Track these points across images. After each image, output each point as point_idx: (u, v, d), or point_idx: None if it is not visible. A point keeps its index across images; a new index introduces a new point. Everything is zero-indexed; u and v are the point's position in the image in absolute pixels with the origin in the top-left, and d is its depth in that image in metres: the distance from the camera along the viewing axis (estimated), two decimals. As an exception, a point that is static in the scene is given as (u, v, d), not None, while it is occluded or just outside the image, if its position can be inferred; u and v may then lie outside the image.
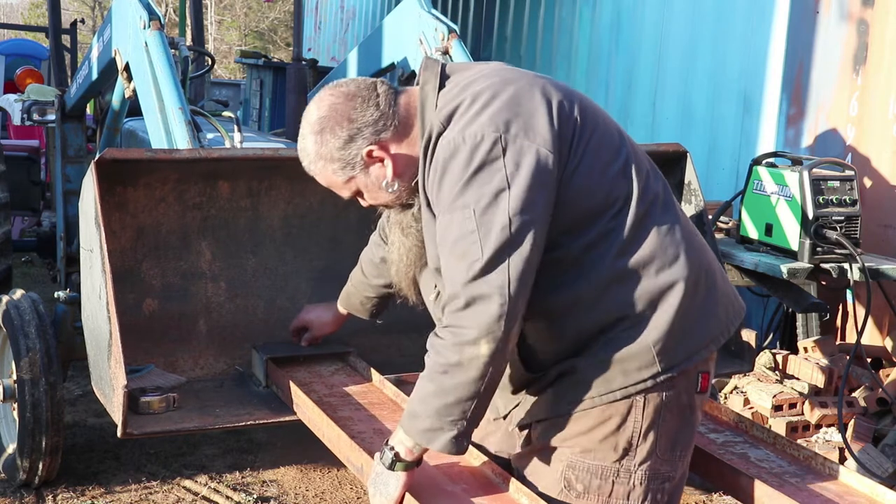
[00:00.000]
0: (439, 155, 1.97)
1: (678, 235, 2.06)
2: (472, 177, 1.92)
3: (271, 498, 3.79)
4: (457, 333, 1.92)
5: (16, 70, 8.87)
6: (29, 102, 5.45)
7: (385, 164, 2.09)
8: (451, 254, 1.95)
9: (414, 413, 2.00)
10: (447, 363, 1.93)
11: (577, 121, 2.01)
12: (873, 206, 4.70)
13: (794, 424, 4.25)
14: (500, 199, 1.90)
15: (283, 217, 3.24)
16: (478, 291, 1.90)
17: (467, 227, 1.91)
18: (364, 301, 2.79)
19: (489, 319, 1.89)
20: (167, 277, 3.12)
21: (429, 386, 1.97)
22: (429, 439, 1.99)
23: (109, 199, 2.96)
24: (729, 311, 2.16)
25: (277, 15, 25.91)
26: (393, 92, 2.10)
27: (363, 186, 2.14)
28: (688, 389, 2.08)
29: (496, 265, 1.89)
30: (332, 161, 2.10)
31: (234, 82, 10.49)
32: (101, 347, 2.69)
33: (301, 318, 3.01)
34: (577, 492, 2.08)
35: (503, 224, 1.90)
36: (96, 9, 27.03)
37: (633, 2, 6.42)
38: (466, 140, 1.93)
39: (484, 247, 1.90)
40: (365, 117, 2.06)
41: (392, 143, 2.08)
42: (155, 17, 3.59)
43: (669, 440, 2.08)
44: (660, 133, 6.04)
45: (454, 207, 1.93)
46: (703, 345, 2.07)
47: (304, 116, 2.13)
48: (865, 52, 4.90)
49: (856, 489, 2.27)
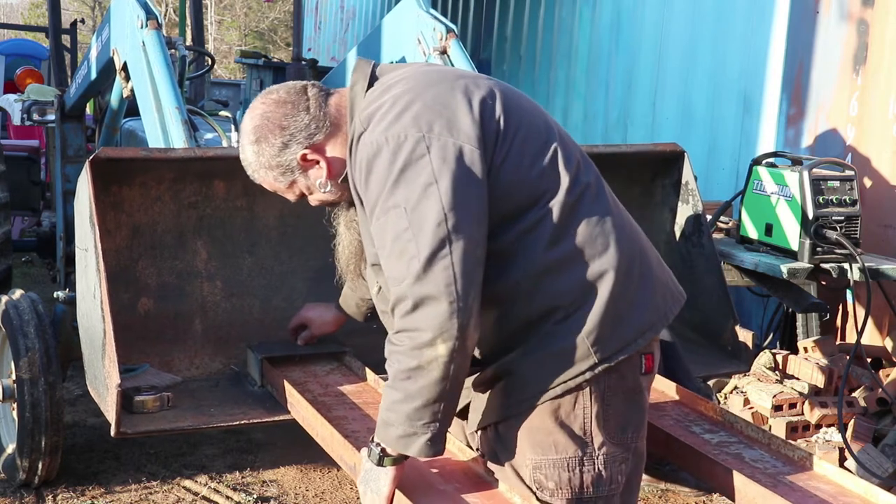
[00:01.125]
0: (362, 155, 2.00)
1: (608, 225, 2.08)
2: (399, 176, 1.94)
3: (271, 498, 3.79)
4: (412, 337, 1.92)
5: (16, 70, 8.88)
6: (29, 102, 5.46)
7: (320, 165, 2.14)
8: (389, 255, 1.96)
9: (386, 421, 2.01)
10: (408, 368, 1.94)
11: (501, 117, 2.03)
12: (873, 206, 4.70)
13: (794, 424, 4.25)
14: (430, 194, 1.92)
15: (279, 216, 3.23)
16: (424, 292, 1.90)
17: (400, 226, 1.93)
18: (359, 304, 2.79)
19: (441, 319, 1.89)
20: (162, 277, 3.11)
21: (394, 394, 1.98)
22: (404, 445, 2.00)
23: (104, 198, 2.96)
24: (667, 297, 2.18)
25: (277, 15, 25.93)
26: (324, 94, 2.15)
27: (305, 188, 2.20)
28: (632, 372, 2.11)
29: (436, 262, 1.90)
30: (271, 168, 2.16)
31: (234, 82, 10.49)
32: (96, 347, 2.69)
33: (301, 316, 3.01)
34: (549, 490, 2.09)
35: (438, 219, 1.91)
36: (96, 9, 27.06)
37: (633, 2, 6.41)
38: (389, 140, 1.96)
39: (419, 243, 1.91)
40: (296, 123, 2.11)
41: (325, 144, 2.13)
42: (152, 17, 3.60)
43: (619, 423, 2.10)
44: (660, 133, 6.04)
45: (385, 209, 1.95)
46: (640, 333, 2.09)
47: (241, 127, 2.19)
48: (865, 52, 4.89)
49: (850, 490, 2.27)
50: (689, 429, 2.60)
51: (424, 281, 1.90)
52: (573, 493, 2.09)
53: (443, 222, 1.91)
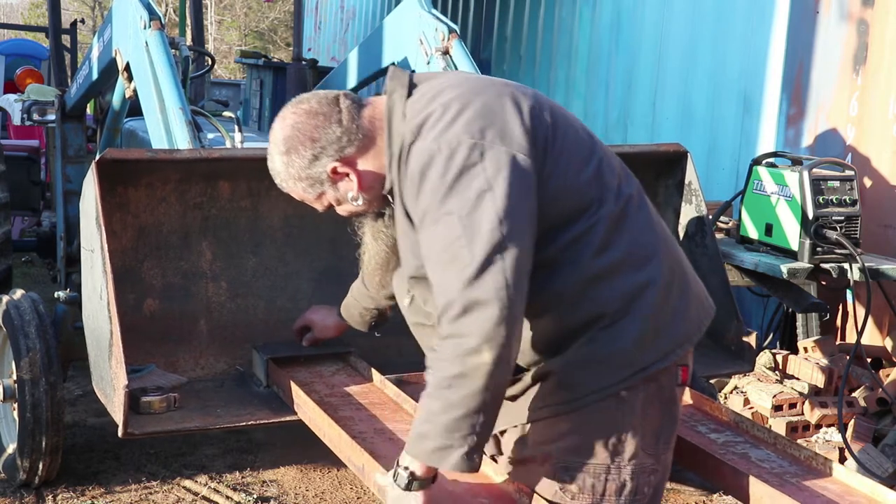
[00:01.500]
0: (414, 165, 1.96)
1: (652, 236, 2.08)
2: (453, 184, 1.91)
3: (271, 498, 3.79)
4: (458, 343, 1.88)
5: (16, 70, 8.87)
6: (29, 102, 5.45)
7: (351, 178, 2.10)
8: (438, 262, 1.93)
9: (422, 434, 1.96)
10: (450, 376, 1.89)
11: (549, 127, 2.02)
12: (873, 206, 4.71)
13: (794, 424, 4.25)
14: (484, 202, 1.89)
15: (284, 217, 3.24)
16: (474, 296, 1.87)
17: (453, 234, 1.90)
18: (363, 312, 2.78)
19: (489, 325, 1.86)
20: (168, 277, 3.12)
21: (434, 403, 1.93)
22: (439, 459, 1.95)
23: (110, 199, 2.96)
24: (700, 311, 2.19)
25: (277, 15, 25.91)
26: (356, 106, 2.10)
27: (334, 200, 2.16)
28: (669, 383, 2.11)
29: (489, 268, 1.87)
30: (301, 180, 2.13)
31: (234, 82, 10.48)
32: (102, 347, 2.70)
33: (305, 318, 3.02)
34: (571, 493, 2.08)
35: (491, 226, 1.88)
36: (96, 9, 27.03)
37: (633, 2, 6.41)
38: (442, 148, 1.93)
39: (473, 250, 1.88)
40: (328, 135, 2.07)
41: (357, 157, 2.09)
42: (155, 17, 3.59)
43: (654, 433, 2.09)
44: (660, 133, 6.04)
45: (438, 217, 1.92)
46: (679, 343, 2.09)
47: (271, 135, 2.15)
48: (865, 52, 4.91)
49: (856, 489, 2.28)
50: (694, 428, 2.61)
51: (475, 286, 1.86)
52: (594, 499, 2.08)
53: (496, 228, 1.88)
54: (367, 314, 2.77)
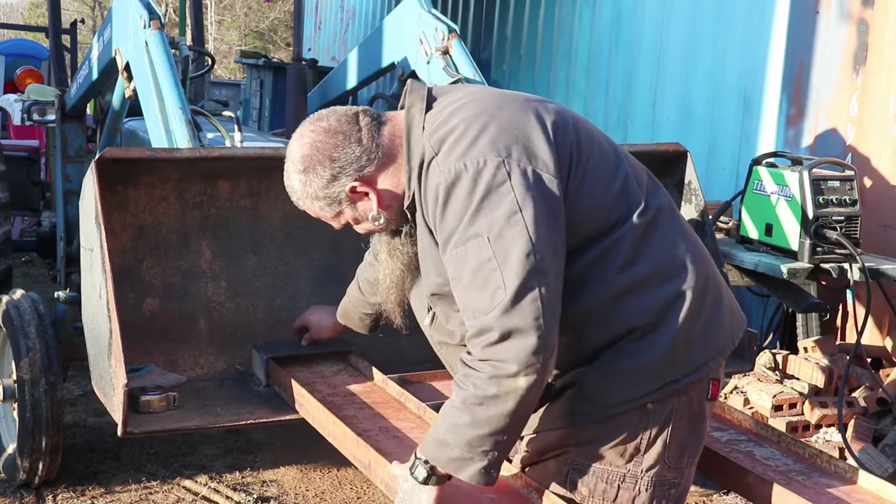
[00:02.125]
0: (438, 182, 1.93)
1: (683, 247, 2.06)
2: (481, 204, 1.88)
3: (271, 498, 3.79)
4: (496, 367, 1.87)
5: (16, 70, 8.87)
6: (29, 102, 5.45)
7: (370, 197, 2.08)
8: (470, 286, 1.90)
9: (443, 441, 1.96)
10: (483, 395, 1.89)
11: (574, 143, 2.00)
12: (873, 206, 4.70)
13: (794, 424, 4.25)
14: (515, 224, 1.87)
15: (284, 217, 3.23)
16: (512, 324, 1.85)
17: (484, 256, 1.88)
18: (362, 317, 2.78)
19: (527, 353, 1.85)
20: (167, 277, 3.12)
21: (461, 416, 1.93)
22: (457, 468, 1.96)
23: (110, 198, 2.96)
24: (733, 323, 2.16)
25: (277, 15, 25.91)
26: (376, 123, 2.07)
27: (352, 219, 2.14)
28: (699, 397, 2.09)
29: (525, 294, 1.85)
30: (318, 199, 2.09)
31: (234, 82, 10.48)
32: (102, 347, 2.69)
33: (303, 319, 3.02)
34: (581, 495, 2.08)
35: (525, 251, 1.86)
36: (96, 9, 27.03)
37: (633, 2, 6.41)
38: (469, 167, 1.90)
39: (506, 275, 1.86)
40: (347, 155, 2.04)
41: (377, 176, 2.06)
42: (155, 17, 3.59)
43: (679, 447, 2.07)
44: (660, 133, 6.04)
45: (466, 237, 1.89)
46: (711, 356, 2.07)
47: (288, 153, 2.11)
48: (865, 52, 4.90)
49: (862, 487, 2.27)
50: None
51: (513, 314, 1.85)
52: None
53: (531, 254, 1.86)
54: (367, 318, 2.76)
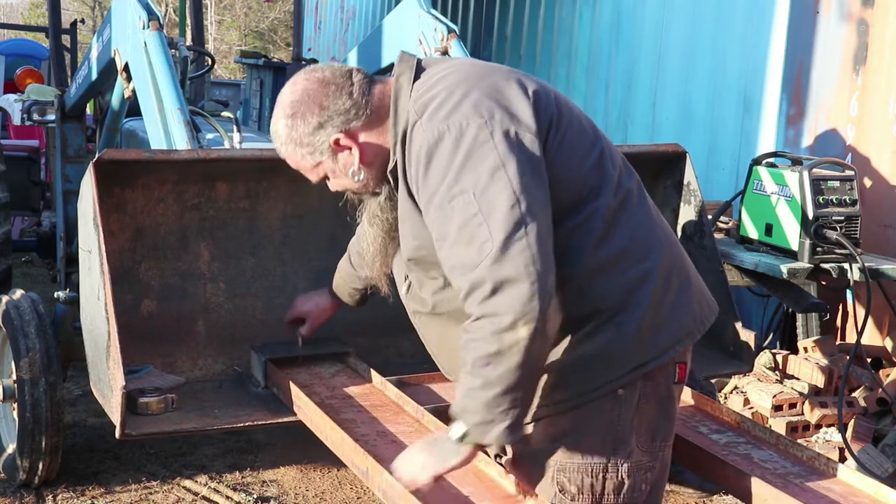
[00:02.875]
0: (420, 144, 1.95)
1: (650, 231, 2.08)
2: (464, 162, 1.90)
3: (271, 498, 3.79)
4: (493, 322, 1.86)
5: (16, 70, 8.88)
6: (29, 102, 5.45)
7: (353, 152, 2.09)
8: (457, 242, 1.91)
9: (465, 408, 1.96)
10: (488, 354, 1.88)
11: (555, 112, 2.02)
12: (873, 206, 4.70)
13: (794, 424, 4.25)
14: (499, 178, 1.88)
15: (282, 218, 3.23)
16: (503, 274, 1.85)
17: (469, 212, 1.88)
18: (352, 292, 2.76)
19: (522, 301, 1.84)
20: (166, 278, 3.11)
21: (473, 381, 1.92)
22: (482, 434, 1.95)
23: (108, 199, 2.96)
24: (703, 307, 2.18)
25: (277, 15, 25.91)
26: (368, 81, 2.10)
27: (330, 172, 2.14)
28: (666, 381, 2.11)
29: (514, 245, 1.85)
30: (301, 146, 2.10)
31: (234, 82, 10.48)
32: (100, 348, 2.69)
33: (297, 309, 2.94)
34: (571, 494, 2.09)
35: (509, 203, 1.86)
36: (96, 9, 27.04)
37: (633, 2, 6.41)
38: (451, 128, 1.92)
39: (492, 227, 1.86)
40: (337, 105, 2.06)
41: (362, 132, 2.08)
42: (154, 18, 3.59)
43: (650, 431, 2.09)
44: (660, 133, 6.04)
45: (451, 196, 1.90)
46: (678, 339, 2.09)
47: (279, 99, 2.13)
48: (865, 52, 4.90)
49: (860, 489, 2.27)
50: (696, 429, 2.60)
51: (503, 263, 1.85)
52: (594, 499, 2.08)
53: (516, 205, 1.86)
54: (356, 293, 2.75)
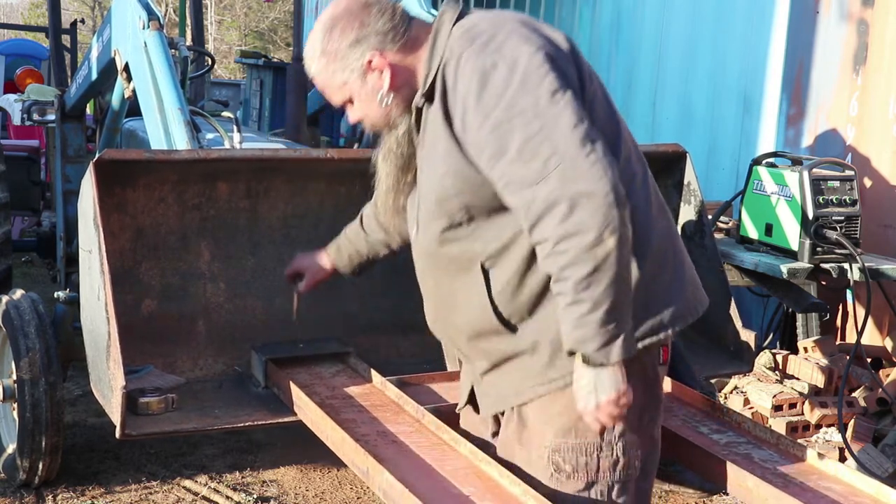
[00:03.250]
0: (473, 70, 1.95)
1: (651, 213, 2.09)
2: (521, 85, 1.91)
3: (271, 498, 3.79)
4: (578, 240, 1.86)
5: (16, 70, 8.87)
6: (29, 102, 5.44)
7: (383, 75, 2.09)
8: (517, 159, 1.90)
9: (580, 340, 1.93)
10: (586, 275, 1.87)
11: (588, 68, 2.05)
12: (873, 206, 4.70)
13: (794, 424, 4.25)
14: (557, 100, 1.90)
15: (282, 217, 3.24)
16: (578, 189, 1.85)
17: (531, 130, 1.89)
18: (353, 255, 2.72)
19: (602, 212, 1.85)
20: (166, 278, 3.12)
21: (580, 308, 1.90)
22: (605, 356, 1.93)
23: (108, 199, 2.96)
24: (696, 294, 2.20)
25: (277, 15, 25.92)
26: (409, 15, 2.13)
27: (356, 95, 2.14)
28: (652, 363, 2.13)
29: (584, 159, 1.86)
30: (335, 59, 2.11)
31: (234, 82, 10.49)
32: (100, 348, 2.69)
33: (297, 264, 2.88)
34: (566, 473, 2.10)
35: (573, 121, 1.88)
36: (96, 9, 27.04)
37: (633, 2, 6.41)
38: (506, 56, 1.94)
39: (557, 145, 1.87)
40: (377, 25, 2.07)
41: (396, 56, 2.09)
42: (154, 18, 3.59)
43: (638, 411, 2.11)
44: (660, 133, 6.04)
45: (509, 116, 1.90)
46: (670, 321, 2.10)
47: (321, 15, 2.15)
48: (865, 52, 4.90)
49: (860, 489, 2.26)
50: (696, 429, 2.60)
51: (575, 179, 1.85)
52: (589, 477, 2.10)
53: (578, 123, 1.88)
54: (357, 257, 2.72)
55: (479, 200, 2.02)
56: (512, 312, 2.08)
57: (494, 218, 2.03)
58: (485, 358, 2.16)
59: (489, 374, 2.18)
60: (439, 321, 2.22)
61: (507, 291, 2.06)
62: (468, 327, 2.13)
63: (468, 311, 2.11)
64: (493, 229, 2.04)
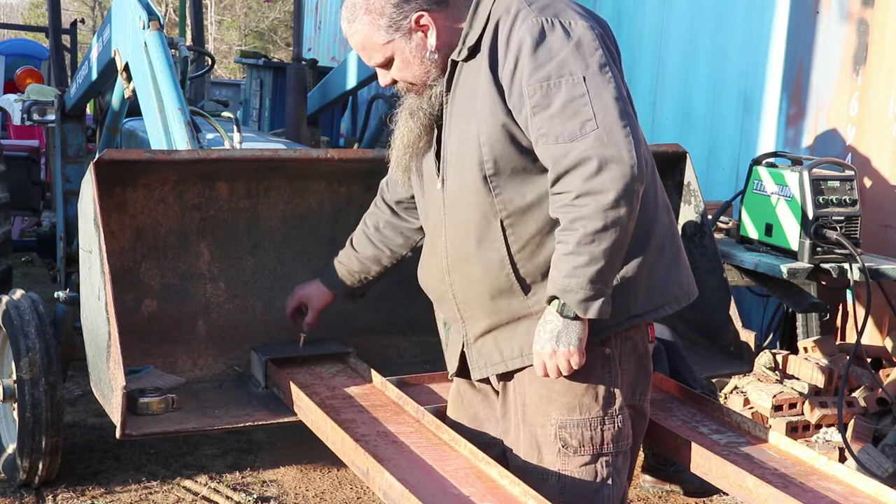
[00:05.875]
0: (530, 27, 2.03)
1: (656, 198, 2.22)
2: (575, 50, 2.01)
3: (271, 498, 3.79)
4: (597, 199, 1.97)
5: (16, 70, 8.87)
6: (29, 102, 5.44)
7: (429, 34, 2.14)
8: (559, 114, 2.00)
9: (567, 288, 2.04)
10: (594, 231, 1.98)
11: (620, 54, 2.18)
12: (873, 206, 4.70)
13: (794, 424, 4.25)
14: (605, 72, 2.02)
15: (282, 218, 3.23)
16: (609, 153, 1.97)
17: (577, 91, 1.99)
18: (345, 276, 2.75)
19: (625, 180, 1.96)
20: (166, 278, 3.11)
21: (578, 259, 2.01)
22: (584, 309, 2.04)
23: (108, 199, 2.96)
24: (690, 281, 2.33)
25: (277, 15, 25.92)
26: None
27: (398, 53, 2.17)
28: (643, 340, 2.26)
29: (619, 129, 1.98)
30: (381, 16, 2.14)
31: (234, 82, 10.49)
32: (100, 348, 2.69)
33: (298, 296, 2.89)
34: (573, 448, 2.20)
35: (615, 94, 2.01)
36: (96, 9, 27.04)
37: (633, 2, 6.41)
38: (563, 21, 2.04)
39: (598, 110, 1.98)
40: None
41: (440, 15, 2.14)
42: (154, 18, 3.58)
43: (631, 385, 2.26)
44: (660, 133, 6.04)
45: (560, 74, 2.00)
46: (667, 302, 2.23)
47: None
48: (865, 52, 4.90)
49: (860, 490, 2.26)
50: (696, 430, 2.60)
51: (609, 144, 1.97)
52: (594, 450, 2.20)
53: (620, 98, 2.02)
54: (355, 276, 2.75)
55: (507, 155, 2.10)
56: (528, 272, 2.16)
57: (519, 177, 2.11)
58: (489, 316, 2.23)
59: (485, 336, 2.25)
60: (456, 272, 2.26)
61: (528, 250, 2.15)
62: (484, 283, 2.20)
63: (486, 265, 2.18)
64: (516, 188, 2.12)
